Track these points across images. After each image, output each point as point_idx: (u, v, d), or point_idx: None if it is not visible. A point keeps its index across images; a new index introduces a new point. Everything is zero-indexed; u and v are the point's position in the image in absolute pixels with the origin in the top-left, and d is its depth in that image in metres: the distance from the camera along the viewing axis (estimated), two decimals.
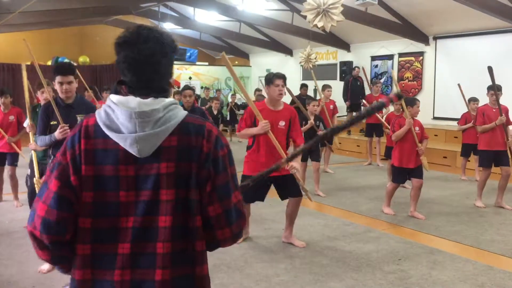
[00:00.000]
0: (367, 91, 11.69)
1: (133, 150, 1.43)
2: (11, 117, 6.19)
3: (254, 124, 4.57)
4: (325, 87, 8.89)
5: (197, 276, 1.49)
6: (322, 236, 5.24)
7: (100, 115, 1.47)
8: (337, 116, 9.36)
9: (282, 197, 4.79)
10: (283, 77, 4.62)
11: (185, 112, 1.51)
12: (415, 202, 6.00)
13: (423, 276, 4.13)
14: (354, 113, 12.44)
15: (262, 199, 4.70)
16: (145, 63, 1.47)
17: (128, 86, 1.50)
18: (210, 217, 1.49)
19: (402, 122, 5.92)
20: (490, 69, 6.29)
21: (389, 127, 6.44)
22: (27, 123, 5.58)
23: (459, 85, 8.90)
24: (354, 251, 4.76)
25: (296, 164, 4.57)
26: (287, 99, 5.95)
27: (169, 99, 1.50)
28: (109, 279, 1.44)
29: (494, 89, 6.37)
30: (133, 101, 1.45)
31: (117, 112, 1.44)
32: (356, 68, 12.66)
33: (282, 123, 4.62)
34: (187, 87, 5.91)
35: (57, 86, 3.91)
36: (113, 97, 1.48)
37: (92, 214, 1.45)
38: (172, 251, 1.44)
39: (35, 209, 1.47)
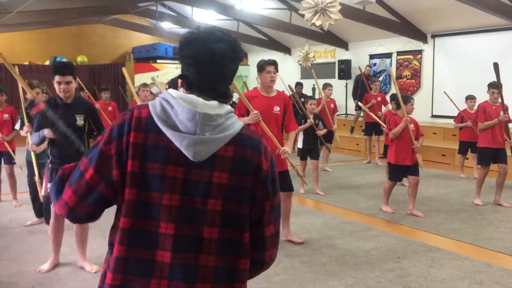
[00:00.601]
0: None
1: (188, 153, 1.34)
2: (5, 115, 6.15)
3: (248, 112, 4.55)
4: (326, 85, 8.88)
5: None
6: (321, 234, 5.25)
7: (155, 108, 1.38)
8: (337, 115, 9.34)
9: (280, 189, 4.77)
10: (274, 64, 4.60)
11: (242, 123, 1.45)
12: (413, 200, 6.01)
13: (422, 274, 4.14)
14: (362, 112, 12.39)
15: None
16: (213, 63, 1.40)
17: (189, 83, 1.42)
18: (266, 238, 1.45)
19: (397, 120, 5.92)
20: (496, 66, 6.26)
21: (385, 125, 6.44)
22: (18, 125, 5.55)
23: (445, 92, 8.97)
24: (353, 249, 4.77)
25: (288, 148, 4.59)
26: None
27: (229, 106, 1.44)
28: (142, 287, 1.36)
29: (499, 87, 6.34)
30: (196, 100, 1.36)
31: (177, 108, 1.35)
32: (367, 67, 12.66)
33: (276, 108, 4.63)
34: None
35: (55, 86, 3.91)
36: (173, 92, 1.39)
37: (133, 214, 1.37)
38: (215, 266, 1.37)
39: (62, 194, 1.42)
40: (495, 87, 6.39)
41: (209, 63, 1.40)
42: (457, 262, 4.42)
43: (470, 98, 8.23)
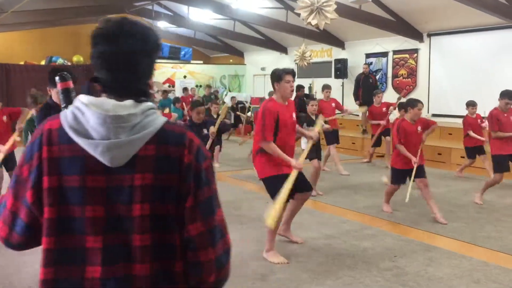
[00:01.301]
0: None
1: (104, 159, 1.25)
2: (4, 118, 6.11)
3: (277, 124, 4.29)
4: (324, 87, 8.81)
5: None
6: (318, 233, 5.24)
7: (66, 117, 1.29)
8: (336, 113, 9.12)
9: (296, 190, 4.48)
10: (292, 73, 4.43)
11: (164, 119, 1.35)
12: (432, 204, 5.73)
13: (419, 273, 4.14)
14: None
15: (292, 197, 4.46)
16: (123, 60, 1.30)
17: (102, 85, 1.33)
18: (192, 236, 1.31)
19: (406, 126, 5.76)
20: None
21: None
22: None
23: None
24: (351, 248, 4.77)
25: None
26: None
27: (148, 103, 1.33)
28: None
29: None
30: (107, 103, 1.27)
31: (87, 114, 1.26)
32: (364, 65, 12.66)
33: (294, 115, 4.58)
34: (198, 103, 5.72)
35: (54, 94, 3.79)
36: (83, 98, 1.29)
37: (56, 233, 1.28)
38: (151, 273, 1.29)
39: None
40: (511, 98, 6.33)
41: (119, 62, 1.30)
42: (455, 261, 4.43)
43: (471, 105, 8.04)
